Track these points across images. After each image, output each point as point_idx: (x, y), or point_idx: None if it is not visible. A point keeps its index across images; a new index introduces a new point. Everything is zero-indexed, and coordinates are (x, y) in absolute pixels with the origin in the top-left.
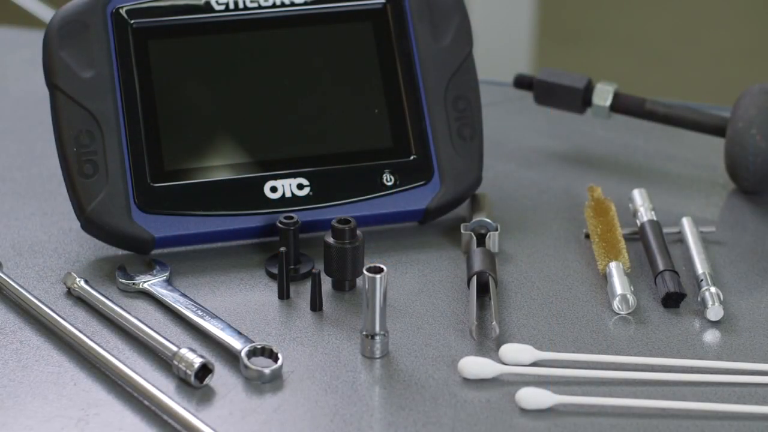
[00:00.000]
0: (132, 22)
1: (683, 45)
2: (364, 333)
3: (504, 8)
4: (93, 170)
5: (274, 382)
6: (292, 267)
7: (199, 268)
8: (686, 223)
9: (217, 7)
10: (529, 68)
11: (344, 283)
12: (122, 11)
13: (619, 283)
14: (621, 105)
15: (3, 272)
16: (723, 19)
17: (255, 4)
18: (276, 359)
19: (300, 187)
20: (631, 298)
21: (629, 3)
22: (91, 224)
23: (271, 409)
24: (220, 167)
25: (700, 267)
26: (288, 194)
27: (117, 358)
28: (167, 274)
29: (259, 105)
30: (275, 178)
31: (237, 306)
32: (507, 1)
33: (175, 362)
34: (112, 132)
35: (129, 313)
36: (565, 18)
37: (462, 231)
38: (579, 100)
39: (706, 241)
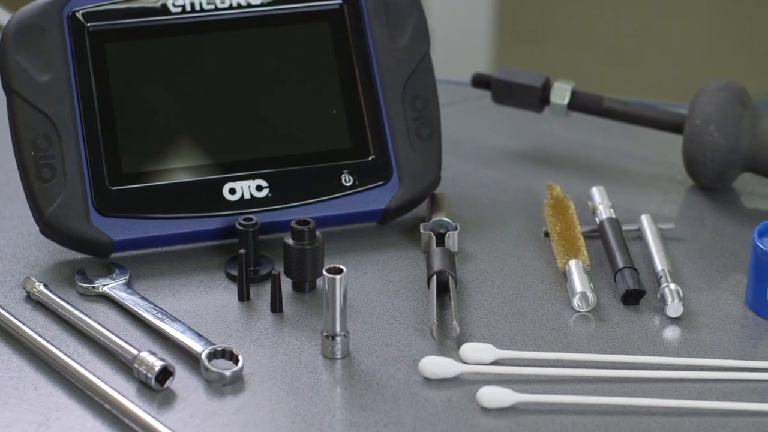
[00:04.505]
0: (88, 25)
1: (641, 43)
2: (325, 334)
3: (462, 7)
4: (51, 174)
5: (234, 384)
6: (251, 269)
7: (158, 271)
8: (645, 220)
9: (173, 10)
10: (488, 67)
11: (304, 285)
12: (78, 14)
13: (578, 281)
14: (579, 103)
15: None
16: (680, 18)
17: (212, 6)
18: (236, 361)
19: (259, 188)
20: (590, 296)
21: (587, 1)
22: (49, 228)
23: (232, 411)
24: (178, 170)
25: (660, 264)
26: (247, 196)
27: (77, 362)
28: (127, 277)
29: (216, 107)
30: (234, 179)
31: (197, 308)
32: (465, 1)
33: (136, 365)
34: (69, 136)
35: (89, 316)
36: (523, 17)
37: (421, 231)
38: (537, 98)
39: (665, 237)
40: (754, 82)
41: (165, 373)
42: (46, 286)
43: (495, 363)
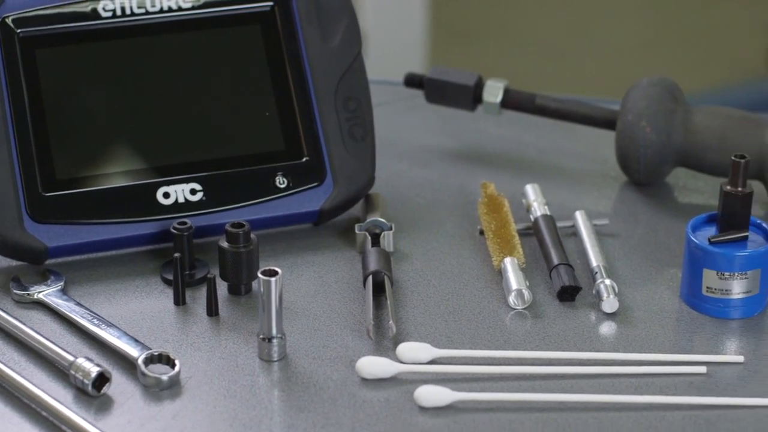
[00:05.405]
0: (18, 31)
1: (573, 40)
2: (261, 336)
3: (395, 7)
4: None
5: (172, 388)
6: (187, 272)
7: (93, 277)
8: (579, 216)
9: (104, 14)
10: (422, 67)
11: (240, 287)
12: (8, 20)
13: (514, 279)
14: (512, 101)
15: None
16: (612, 15)
17: (142, 10)
18: (173, 365)
19: (193, 192)
20: (526, 293)
21: None
22: None
23: (169, 416)
24: (112, 174)
25: (594, 260)
26: (181, 200)
27: (13, 370)
28: (62, 283)
29: (149, 111)
30: (168, 183)
31: (133, 313)
32: (398, 1)
33: (72, 372)
34: (1, 143)
35: (24, 324)
36: (455, 15)
37: (356, 231)
38: (469, 97)
39: (599, 233)
40: (686, 78)
41: (102, 379)
42: None
43: (432, 362)
